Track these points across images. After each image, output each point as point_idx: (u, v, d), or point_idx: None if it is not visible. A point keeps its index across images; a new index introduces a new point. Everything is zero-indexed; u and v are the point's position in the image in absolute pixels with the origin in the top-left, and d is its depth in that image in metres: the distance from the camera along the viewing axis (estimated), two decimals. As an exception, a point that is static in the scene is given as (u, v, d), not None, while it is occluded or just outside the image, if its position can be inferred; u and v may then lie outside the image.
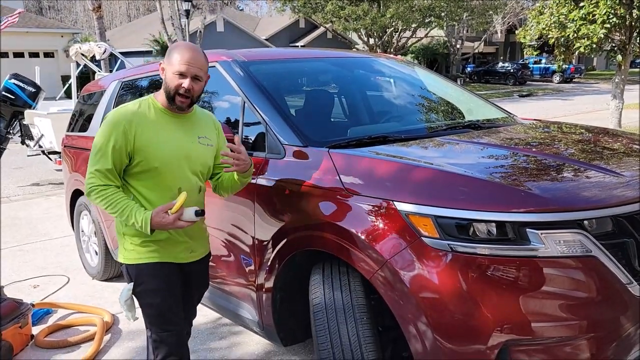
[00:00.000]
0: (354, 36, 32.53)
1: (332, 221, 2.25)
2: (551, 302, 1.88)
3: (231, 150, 2.25)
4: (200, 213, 2.16)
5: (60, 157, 7.29)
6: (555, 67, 35.33)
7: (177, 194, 2.19)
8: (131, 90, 4.10)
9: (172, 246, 2.29)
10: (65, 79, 22.67)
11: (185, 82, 2.17)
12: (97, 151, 2.17)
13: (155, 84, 3.83)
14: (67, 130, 4.93)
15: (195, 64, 2.18)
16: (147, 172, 2.20)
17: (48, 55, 29.05)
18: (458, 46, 36.54)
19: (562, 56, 11.69)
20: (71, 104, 9.25)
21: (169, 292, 2.29)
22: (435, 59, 39.54)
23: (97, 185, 2.15)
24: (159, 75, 3.76)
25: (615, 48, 11.17)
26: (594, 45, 10.40)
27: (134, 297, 2.29)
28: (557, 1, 10.75)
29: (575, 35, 10.38)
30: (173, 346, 2.30)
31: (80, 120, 4.73)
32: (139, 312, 2.32)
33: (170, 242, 2.28)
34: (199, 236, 2.40)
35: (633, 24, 10.29)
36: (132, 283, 2.25)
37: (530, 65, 36.84)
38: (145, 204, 2.22)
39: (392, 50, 27.47)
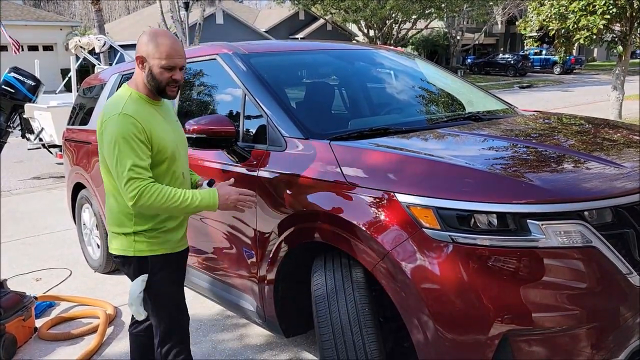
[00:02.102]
0: (353, 28, 32.45)
1: (333, 213, 2.26)
2: (551, 292, 1.89)
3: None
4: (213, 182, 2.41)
5: (60, 151, 7.30)
6: (555, 58, 35.22)
7: (183, 180, 2.31)
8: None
9: (176, 234, 2.33)
10: (64, 72, 22.61)
11: (177, 74, 2.19)
12: (127, 152, 2.07)
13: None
14: (68, 124, 4.93)
15: (181, 55, 2.19)
16: (161, 162, 2.21)
17: (47, 48, 28.97)
18: (458, 37, 36.45)
19: (563, 47, 11.66)
20: (71, 97, 9.24)
21: (180, 282, 2.39)
22: (435, 51, 39.43)
23: (145, 185, 2.07)
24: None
25: (616, 39, 11.14)
26: (594, 37, 10.37)
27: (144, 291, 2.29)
28: (558, -8, 10.72)
29: (576, 26, 10.35)
30: (184, 335, 2.38)
31: (81, 114, 4.73)
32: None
33: (174, 230, 2.32)
34: (187, 221, 2.47)
35: (634, 14, 10.26)
36: (146, 275, 2.25)
37: (531, 57, 36.77)
38: None
39: (392, 41, 27.40)
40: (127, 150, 2.07)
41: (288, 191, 2.50)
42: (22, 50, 8.67)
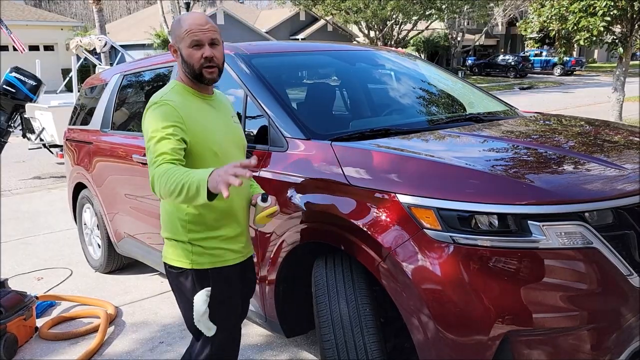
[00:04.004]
0: (354, 29, 32.45)
1: (334, 213, 2.27)
2: (552, 293, 1.89)
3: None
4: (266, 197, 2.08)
5: (61, 151, 7.32)
6: (556, 59, 35.26)
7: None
8: (133, 83, 4.11)
9: (235, 243, 2.14)
10: (65, 72, 22.66)
11: (206, 51, 2.00)
12: (156, 139, 1.90)
13: (157, 77, 3.84)
14: (69, 124, 4.94)
15: (207, 27, 2.01)
16: (205, 156, 2.01)
17: (48, 48, 29.04)
18: (459, 39, 36.44)
19: (563, 49, 11.66)
20: (72, 97, 9.27)
21: (235, 294, 2.18)
22: (436, 52, 39.43)
23: (157, 169, 1.84)
24: (160, 67, 3.79)
25: (617, 40, 11.15)
26: (594, 38, 10.38)
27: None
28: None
29: (576, 27, 10.35)
30: (235, 354, 2.27)
31: (82, 114, 4.73)
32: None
33: (233, 239, 2.13)
34: (247, 229, 2.25)
35: (634, 16, 10.26)
36: (209, 288, 2.07)
37: (531, 58, 36.75)
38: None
39: (392, 42, 27.41)
40: (157, 137, 1.90)
41: (289, 191, 2.51)
42: (25, 49, 8.76)
